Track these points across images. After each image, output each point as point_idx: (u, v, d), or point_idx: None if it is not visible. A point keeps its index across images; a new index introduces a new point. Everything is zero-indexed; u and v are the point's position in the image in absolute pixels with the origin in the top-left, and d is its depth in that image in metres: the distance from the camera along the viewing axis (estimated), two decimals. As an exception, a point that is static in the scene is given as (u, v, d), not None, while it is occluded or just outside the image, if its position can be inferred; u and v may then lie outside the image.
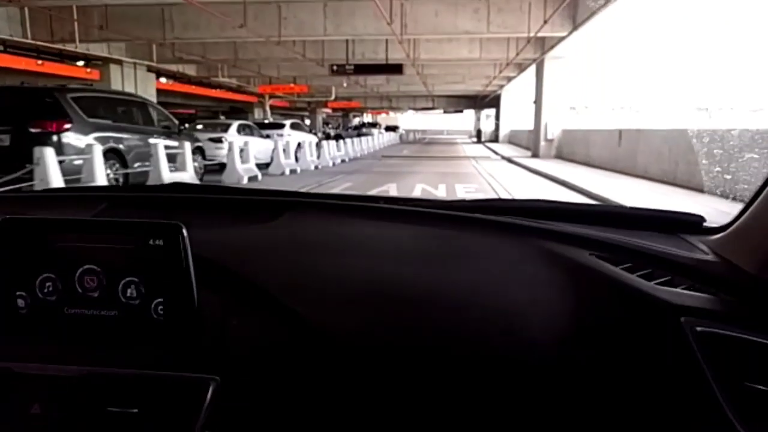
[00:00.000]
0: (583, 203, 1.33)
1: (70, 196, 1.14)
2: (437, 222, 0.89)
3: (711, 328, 0.67)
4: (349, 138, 22.15)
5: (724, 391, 0.62)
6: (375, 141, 27.91)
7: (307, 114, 44.84)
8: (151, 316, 0.67)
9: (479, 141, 38.72)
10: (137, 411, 0.61)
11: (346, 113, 55.53)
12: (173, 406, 0.61)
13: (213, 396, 0.62)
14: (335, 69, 18.46)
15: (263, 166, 12.94)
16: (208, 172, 11.51)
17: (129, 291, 0.67)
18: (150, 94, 19.78)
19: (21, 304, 0.68)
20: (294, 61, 19.98)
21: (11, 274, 0.68)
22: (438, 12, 14.42)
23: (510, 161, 18.07)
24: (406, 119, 70.98)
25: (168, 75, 23.10)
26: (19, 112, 7.21)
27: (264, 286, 0.73)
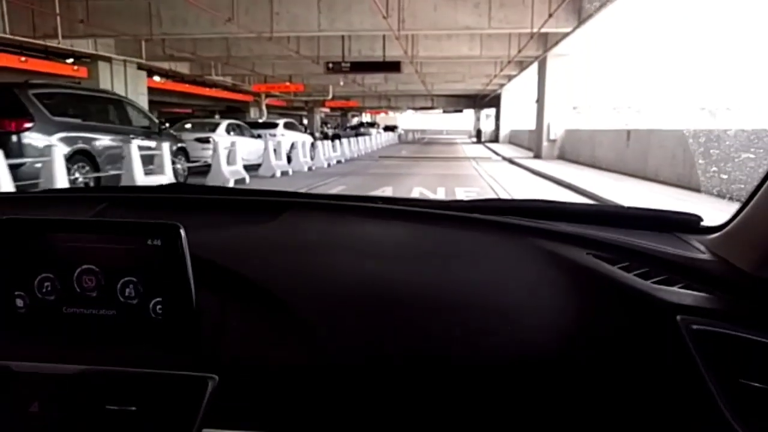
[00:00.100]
0: (581, 203, 1.26)
1: (69, 196, 1.13)
2: (435, 222, 0.89)
3: (707, 326, 0.68)
4: (347, 138, 21.64)
5: (721, 389, 0.64)
6: (373, 141, 27.43)
7: (305, 113, 44.44)
8: (149, 315, 0.68)
9: (479, 141, 38.30)
10: (136, 409, 0.62)
11: (344, 113, 55.19)
12: (172, 405, 0.63)
13: (211, 394, 0.63)
14: (331, 67, 17.99)
15: (255, 167, 12.40)
16: (195, 174, 10.88)
17: (127, 291, 0.68)
18: (141, 93, 19.33)
19: (20, 303, 0.69)
20: (289, 59, 19.44)
21: (10, 274, 0.69)
22: (437, 6, 13.76)
23: (512, 162, 17.47)
24: (405, 119, 70.77)
25: (160, 73, 22.58)
26: None
27: (262, 285, 0.73)
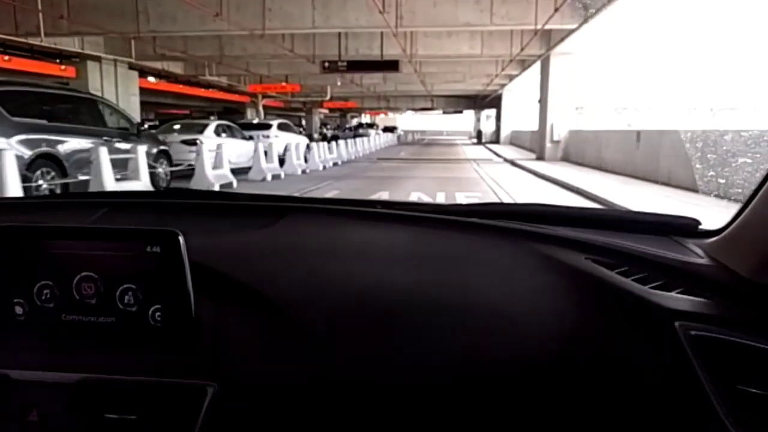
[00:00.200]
0: (579, 207, 1.09)
1: (69, 202, 1.15)
2: (434, 226, 0.89)
3: (705, 332, 0.68)
4: (346, 139, 21.04)
5: (719, 395, 0.64)
6: (371, 142, 26.82)
7: (304, 115, 43.82)
8: (148, 322, 0.68)
9: (479, 142, 37.66)
10: (135, 417, 0.62)
11: (343, 114, 54.56)
12: (171, 413, 0.62)
13: (211, 402, 0.63)
14: (327, 66, 17.41)
15: (246, 170, 11.80)
16: (179, 178, 10.27)
17: (126, 298, 0.68)
18: (132, 93, 18.71)
19: (19, 311, 0.68)
20: (284, 58, 18.81)
21: (9, 281, 0.68)
22: (436, 2, 13.11)
23: (514, 164, 16.86)
24: (405, 120, 70.17)
25: (152, 73, 21.96)
26: None
27: (261, 291, 0.73)
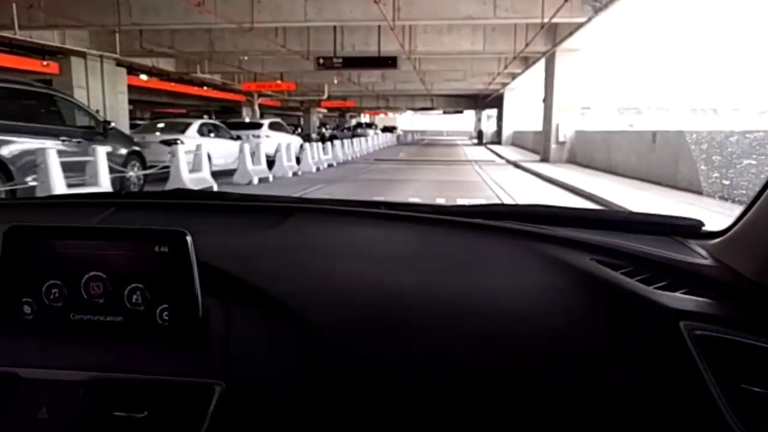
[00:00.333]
0: (582, 207, 1.10)
1: (76, 202, 1.15)
2: (437, 227, 0.89)
3: (709, 331, 0.68)
4: (343, 139, 20.26)
5: (723, 394, 0.64)
6: (370, 142, 26.00)
7: (301, 114, 42.99)
8: (156, 321, 0.68)
9: (480, 143, 36.80)
10: (143, 416, 0.62)
11: (342, 113, 53.71)
12: (179, 411, 0.63)
13: (218, 401, 0.63)
14: (321, 62, 16.61)
15: (233, 172, 11.02)
16: (155, 181, 9.44)
17: (134, 297, 0.68)
18: (120, 91, 17.88)
19: (27, 310, 0.69)
20: (277, 55, 17.98)
21: (18, 281, 0.69)
22: (436, -7, 12.34)
23: (517, 166, 16.02)
24: (405, 120, 69.36)
25: (142, 70, 21.13)
26: None
27: (268, 291, 0.73)
